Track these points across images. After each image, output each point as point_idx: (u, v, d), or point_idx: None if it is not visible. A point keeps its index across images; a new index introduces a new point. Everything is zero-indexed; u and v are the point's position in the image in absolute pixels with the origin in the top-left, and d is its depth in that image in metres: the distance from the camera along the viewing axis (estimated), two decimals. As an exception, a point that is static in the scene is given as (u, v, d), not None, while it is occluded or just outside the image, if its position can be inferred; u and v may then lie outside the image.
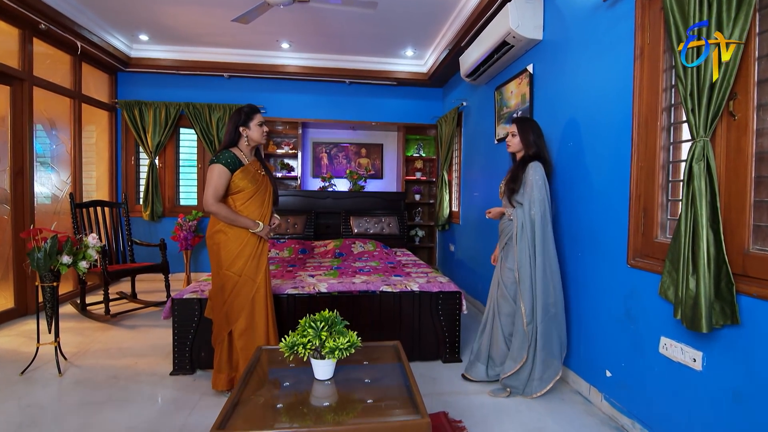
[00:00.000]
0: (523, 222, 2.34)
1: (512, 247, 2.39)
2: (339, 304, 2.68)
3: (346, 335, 1.52)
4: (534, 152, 2.41)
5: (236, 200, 2.19)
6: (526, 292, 2.31)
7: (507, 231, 2.44)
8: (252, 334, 2.22)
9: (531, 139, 2.42)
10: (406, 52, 4.91)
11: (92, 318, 3.63)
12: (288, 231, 4.54)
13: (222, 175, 2.13)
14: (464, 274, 4.58)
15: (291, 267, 3.48)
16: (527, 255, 2.31)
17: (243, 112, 2.22)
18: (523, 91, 3.17)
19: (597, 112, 2.30)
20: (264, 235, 2.24)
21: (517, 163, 2.47)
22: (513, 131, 2.48)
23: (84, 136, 4.66)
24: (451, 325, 2.80)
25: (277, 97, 5.40)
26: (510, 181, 2.42)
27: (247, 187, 2.18)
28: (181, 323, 2.56)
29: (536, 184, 2.31)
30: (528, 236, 2.32)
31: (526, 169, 2.35)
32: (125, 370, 2.63)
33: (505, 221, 2.47)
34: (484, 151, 4.00)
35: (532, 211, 2.31)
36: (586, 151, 2.40)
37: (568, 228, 2.56)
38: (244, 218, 2.17)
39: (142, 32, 4.45)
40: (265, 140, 2.25)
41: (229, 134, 2.22)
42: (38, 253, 2.50)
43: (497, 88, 3.64)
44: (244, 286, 2.19)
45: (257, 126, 2.25)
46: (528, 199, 2.32)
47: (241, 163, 2.19)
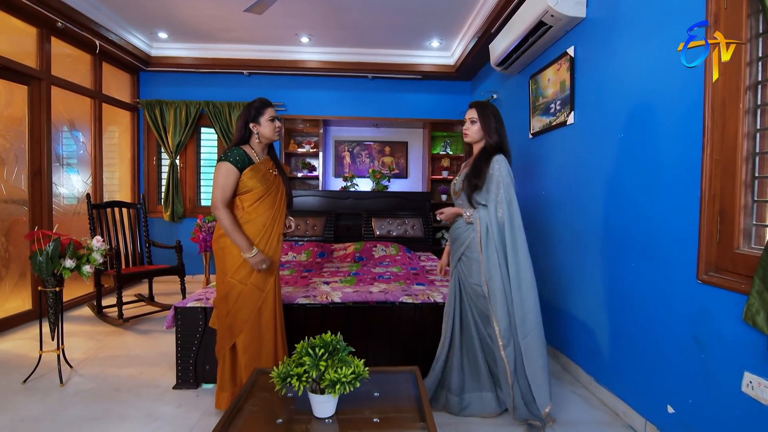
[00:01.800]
0: (488, 225, 1.95)
1: (474, 257, 2.00)
2: (353, 315, 2.43)
3: (351, 365, 1.26)
4: (496, 142, 2.03)
5: (244, 201, 1.99)
6: (499, 308, 1.92)
7: (464, 237, 2.04)
8: (258, 350, 2.01)
9: (493, 126, 2.04)
10: (431, 42, 4.61)
11: (106, 321, 3.55)
12: (306, 233, 4.34)
13: (229, 174, 1.93)
14: (494, 280, 4.23)
15: (306, 272, 3.26)
16: (497, 264, 1.93)
17: (253, 107, 2.02)
18: (563, 77, 2.81)
19: (655, 96, 1.94)
20: (254, 264, 1.93)
21: (479, 154, 2.06)
22: (472, 117, 2.09)
23: (106, 137, 4.65)
24: (480, 342, 2.49)
25: (298, 94, 5.23)
26: (472, 176, 2.01)
27: (256, 186, 1.97)
28: (184, 334, 2.38)
29: (503, 181, 1.94)
30: (496, 242, 1.94)
31: (490, 163, 1.98)
32: (128, 381, 2.48)
33: (460, 225, 2.08)
34: (518, 146, 3.65)
35: (499, 213, 1.94)
36: (640, 143, 2.04)
37: (614, 232, 2.20)
38: (242, 236, 1.92)
39: (161, 29, 4.37)
40: (278, 137, 2.02)
41: (239, 131, 2.02)
42: (40, 257, 2.39)
43: (532, 76, 3.29)
44: (251, 295, 1.97)
45: (268, 122, 2.02)
46: (494, 199, 1.96)
47: (250, 161, 1.99)
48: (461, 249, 2.06)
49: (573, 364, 2.65)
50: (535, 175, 3.29)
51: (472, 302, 2.06)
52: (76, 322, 3.59)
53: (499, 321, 1.93)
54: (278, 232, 2.06)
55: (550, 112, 3.00)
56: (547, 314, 3.02)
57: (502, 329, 1.92)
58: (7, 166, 3.36)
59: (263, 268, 1.97)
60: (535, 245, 3.23)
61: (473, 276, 2.01)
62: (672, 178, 1.82)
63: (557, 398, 2.33)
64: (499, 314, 1.92)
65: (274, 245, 2.04)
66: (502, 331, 1.92)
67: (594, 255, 2.44)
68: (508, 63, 3.47)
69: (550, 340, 2.97)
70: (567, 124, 2.76)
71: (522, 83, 3.55)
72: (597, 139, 2.42)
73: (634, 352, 2.05)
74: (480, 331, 2.08)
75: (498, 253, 1.94)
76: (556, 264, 2.93)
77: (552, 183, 3.01)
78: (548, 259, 3.04)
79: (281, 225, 2.08)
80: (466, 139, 2.12)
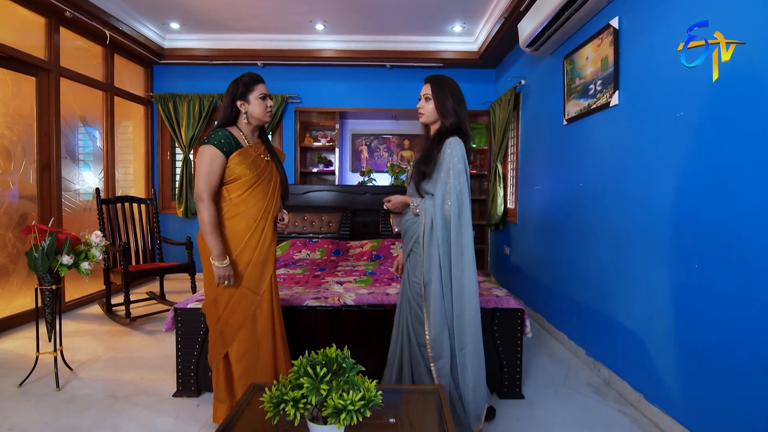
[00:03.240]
0: (432, 218, 1.70)
1: (419, 253, 1.74)
2: (368, 319, 2.19)
3: (360, 388, 1.01)
4: (453, 123, 1.74)
5: (231, 191, 1.74)
6: (433, 314, 1.69)
7: (412, 231, 1.79)
8: (254, 360, 1.78)
9: (449, 105, 1.74)
10: (453, 27, 4.32)
11: (115, 320, 3.42)
12: (321, 230, 4.13)
13: (214, 160, 1.68)
14: (522, 282, 3.92)
15: (319, 271, 3.04)
16: (437, 264, 1.68)
17: (241, 82, 1.77)
18: (605, 53, 2.49)
19: (732, 64, 1.62)
20: (219, 276, 1.68)
21: (432, 137, 1.79)
22: (426, 93, 1.79)
23: (121, 132, 4.55)
24: (511, 352, 2.21)
25: (313, 85, 5.02)
26: (421, 162, 1.76)
27: (245, 174, 1.72)
28: (185, 337, 2.19)
29: (455, 167, 1.66)
30: (439, 238, 1.68)
31: (442, 147, 1.70)
32: (127, 386, 2.31)
33: (409, 217, 1.81)
34: (550, 135, 3.33)
35: (446, 205, 1.67)
36: (708, 122, 1.72)
37: (678, 230, 1.88)
38: (217, 241, 1.67)
39: (173, 19, 4.23)
40: (270, 118, 1.77)
41: (224, 110, 1.77)
42: (35, 253, 2.24)
43: (567, 56, 2.97)
44: (243, 299, 1.75)
45: (258, 100, 1.76)
46: (442, 188, 1.69)
47: (238, 144, 1.74)
48: (410, 244, 1.79)
49: (617, 378, 2.33)
50: (570, 165, 2.97)
51: (412, 301, 1.79)
52: (84, 320, 3.48)
53: (431, 328, 1.68)
54: (272, 227, 1.82)
55: (589, 94, 2.68)
56: (583, 319, 2.70)
57: (433, 338, 1.68)
58: (14, 160, 3.27)
59: (225, 284, 1.71)
60: (570, 242, 2.91)
61: (416, 273, 1.76)
62: (756, 162, 1.50)
63: (599, 416, 2.04)
64: (432, 321, 1.69)
65: (268, 242, 1.80)
66: (432, 340, 1.68)
67: (646, 255, 2.12)
68: (540, 43, 3.16)
69: (588, 348, 2.66)
70: (610, 105, 2.44)
71: (555, 65, 3.23)
72: (649, 120, 2.10)
73: (705, 373, 1.74)
74: (411, 338, 1.80)
75: (440, 251, 1.68)
76: (594, 263, 2.61)
77: (590, 173, 2.69)
78: (585, 258, 2.72)
79: (274, 216, 1.83)
80: (420, 119, 1.83)
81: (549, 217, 3.29)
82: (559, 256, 3.09)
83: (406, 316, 1.83)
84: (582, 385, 2.40)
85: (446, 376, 1.70)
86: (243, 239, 1.73)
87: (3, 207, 3.20)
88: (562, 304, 3.05)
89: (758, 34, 1.49)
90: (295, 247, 3.77)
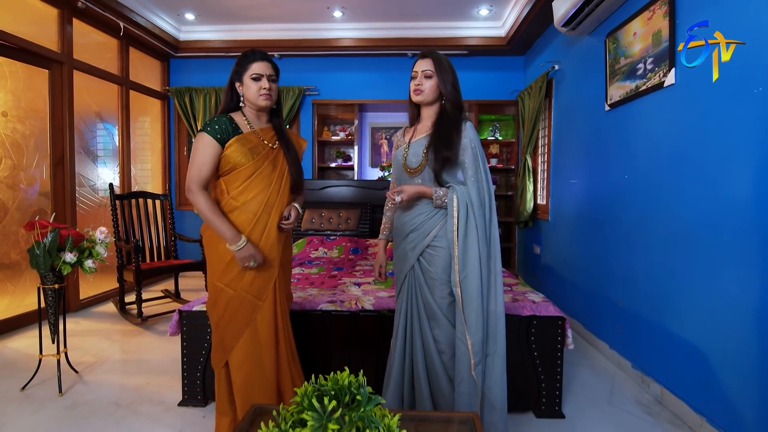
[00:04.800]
0: (468, 208, 1.51)
1: (443, 249, 1.54)
2: (388, 326, 1.97)
3: (379, 427, 0.80)
4: (457, 103, 1.59)
5: (229, 183, 1.54)
6: (473, 316, 1.49)
7: (429, 225, 1.57)
8: (254, 368, 1.57)
9: (451, 81, 1.57)
10: (479, 11, 4.04)
11: (127, 319, 3.32)
12: (339, 227, 3.94)
13: (206, 148, 1.48)
14: (554, 284, 3.63)
15: (336, 271, 2.84)
16: (476, 258, 1.50)
17: (240, 61, 1.57)
18: (657, 27, 2.19)
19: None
20: (241, 260, 1.49)
21: (440, 119, 1.59)
22: (427, 69, 1.57)
23: (138, 127, 4.48)
24: (550, 365, 1.95)
25: (331, 76, 4.82)
26: (441, 146, 1.53)
27: (242, 162, 1.51)
28: (190, 342, 2.02)
29: (480, 153, 1.55)
30: (478, 229, 1.51)
31: (461, 131, 1.54)
32: (132, 393, 2.17)
33: (424, 210, 1.58)
34: (588, 123, 3.03)
35: (482, 193, 1.54)
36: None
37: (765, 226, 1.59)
38: (224, 221, 1.48)
39: (188, 10, 4.11)
40: (267, 102, 1.56)
41: (225, 94, 1.59)
42: (37, 250, 2.12)
43: (609, 34, 2.67)
44: (242, 305, 1.54)
45: (251, 80, 1.53)
46: (473, 176, 1.53)
47: (236, 130, 1.54)
48: (424, 240, 1.57)
49: (671, 397, 2.05)
50: (613, 155, 2.67)
51: (433, 304, 1.57)
52: (98, 318, 3.40)
53: (472, 333, 1.49)
54: (277, 222, 1.59)
55: (637, 74, 2.38)
56: (629, 327, 2.42)
57: (475, 342, 1.48)
58: (26, 155, 3.20)
59: (251, 266, 1.51)
60: (614, 241, 2.62)
61: (438, 273, 1.55)
62: None
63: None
64: (473, 324, 1.49)
65: (272, 240, 1.58)
66: (475, 345, 1.48)
67: (712, 257, 1.83)
68: (578, 21, 2.86)
69: (635, 360, 2.37)
70: (664, 86, 2.14)
71: (594, 46, 2.92)
72: (715, 99, 1.80)
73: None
74: (428, 345, 1.60)
75: (480, 243, 1.50)
76: (642, 265, 2.32)
77: (639, 164, 2.39)
78: (632, 259, 2.42)
79: (280, 212, 1.60)
80: (417, 98, 1.60)
81: (587, 213, 2.99)
82: (600, 257, 2.80)
83: (417, 320, 1.61)
84: (630, 403, 2.12)
85: (480, 383, 1.52)
86: (245, 234, 1.52)
87: (16, 202, 3.13)
88: (602, 310, 2.76)
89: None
90: (312, 245, 3.59)
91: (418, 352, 1.61)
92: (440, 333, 1.58)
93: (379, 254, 1.80)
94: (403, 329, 1.65)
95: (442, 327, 1.58)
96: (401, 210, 1.66)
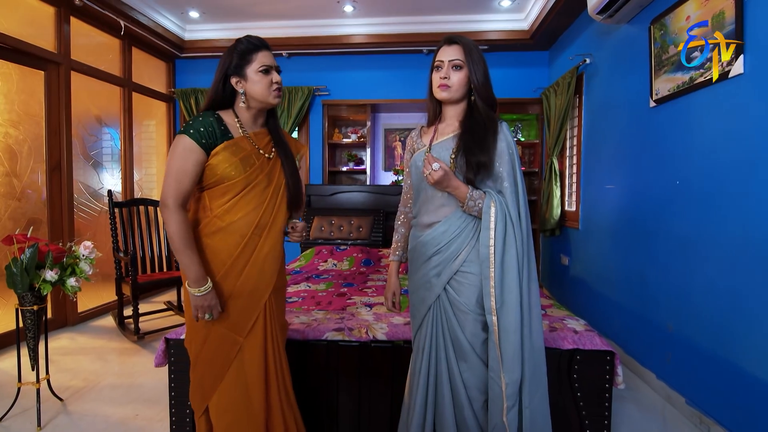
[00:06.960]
0: (506, 222, 1.24)
1: (473, 275, 1.27)
2: (404, 359, 1.69)
3: None
4: (488, 100, 1.31)
5: (212, 198, 1.27)
6: (510, 351, 1.21)
7: (459, 244, 1.29)
8: (241, 417, 1.30)
9: (482, 74, 1.29)
10: (500, 2, 3.74)
11: (125, 335, 3.12)
12: (351, 236, 3.68)
13: (188, 155, 1.21)
14: (585, 299, 3.30)
15: (346, 287, 2.58)
16: (515, 283, 1.22)
17: (236, 51, 1.29)
18: (718, 7, 1.87)
19: None
20: (196, 307, 1.22)
21: (471, 120, 1.30)
22: (456, 59, 1.28)
23: (143, 131, 4.31)
24: (596, 406, 1.65)
25: (342, 75, 4.57)
26: (476, 149, 1.26)
27: (231, 175, 1.24)
28: (178, 374, 1.78)
29: (518, 161, 1.30)
30: (518, 249, 1.24)
31: (497, 133, 1.28)
32: (117, 427, 1.94)
33: (454, 222, 1.30)
34: (628, 121, 2.70)
35: (521, 207, 1.27)
36: None
37: None
38: (193, 258, 1.21)
39: (192, 7, 3.91)
40: (278, 99, 1.31)
41: (214, 87, 1.32)
42: (14, 267, 1.91)
43: (655, 20, 2.34)
44: (223, 342, 1.28)
45: (259, 74, 1.27)
46: (511, 186, 1.27)
47: (225, 134, 1.26)
48: (453, 265, 1.29)
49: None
50: (659, 157, 2.34)
51: (462, 337, 1.29)
52: (95, 334, 3.21)
53: (509, 371, 1.21)
54: (273, 247, 1.32)
55: (692, 64, 2.06)
56: (682, 356, 2.09)
57: (511, 383, 1.22)
58: (20, 161, 3.03)
59: (204, 318, 1.23)
60: (662, 255, 2.29)
61: (469, 302, 1.28)
62: None
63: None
64: (509, 361, 1.21)
65: (258, 267, 1.29)
66: (510, 386, 1.22)
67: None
68: (616, 7, 2.54)
69: (690, 396, 2.04)
70: (729, 76, 1.82)
71: (635, 35, 2.60)
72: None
73: None
74: (457, 395, 1.32)
75: (520, 263, 1.23)
76: (699, 285, 1.99)
77: (694, 167, 2.07)
78: (685, 277, 2.10)
79: (276, 236, 1.33)
80: (443, 94, 1.31)
81: (628, 222, 2.66)
82: (645, 272, 2.47)
83: (445, 363, 1.33)
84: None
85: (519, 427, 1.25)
86: (226, 263, 1.27)
87: (8, 211, 2.96)
88: (648, 334, 2.43)
89: None
90: (321, 256, 3.34)
91: (446, 404, 1.32)
92: (471, 376, 1.30)
93: (390, 279, 1.51)
94: (425, 375, 1.36)
95: (474, 369, 1.30)
96: (418, 228, 1.38)
